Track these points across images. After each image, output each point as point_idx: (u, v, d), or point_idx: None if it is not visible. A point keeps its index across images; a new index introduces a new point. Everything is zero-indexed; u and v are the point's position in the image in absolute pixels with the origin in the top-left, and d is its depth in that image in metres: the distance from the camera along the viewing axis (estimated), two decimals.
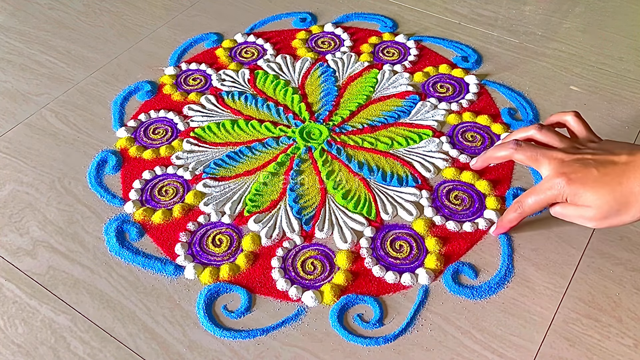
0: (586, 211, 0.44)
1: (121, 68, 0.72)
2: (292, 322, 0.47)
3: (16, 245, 0.53)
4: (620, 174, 0.43)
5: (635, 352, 0.45)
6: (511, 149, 0.48)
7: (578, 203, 0.45)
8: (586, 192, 0.44)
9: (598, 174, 0.44)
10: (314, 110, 0.66)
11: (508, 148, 0.48)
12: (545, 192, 0.46)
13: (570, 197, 0.45)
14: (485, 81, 0.68)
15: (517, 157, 0.48)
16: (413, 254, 0.51)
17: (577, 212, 0.45)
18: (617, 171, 0.43)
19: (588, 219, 0.45)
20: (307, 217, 0.54)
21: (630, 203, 0.43)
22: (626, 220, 0.44)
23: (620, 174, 0.43)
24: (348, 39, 0.75)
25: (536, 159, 0.47)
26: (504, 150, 0.49)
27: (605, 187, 0.43)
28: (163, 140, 0.62)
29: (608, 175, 0.44)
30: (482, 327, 0.47)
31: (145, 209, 0.55)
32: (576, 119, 0.50)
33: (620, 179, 0.43)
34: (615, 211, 0.43)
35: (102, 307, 0.48)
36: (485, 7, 0.81)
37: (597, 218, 0.44)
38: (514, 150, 0.48)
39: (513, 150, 0.48)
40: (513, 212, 0.49)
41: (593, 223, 0.45)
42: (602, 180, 0.43)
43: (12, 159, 0.61)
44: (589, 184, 0.44)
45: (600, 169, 0.44)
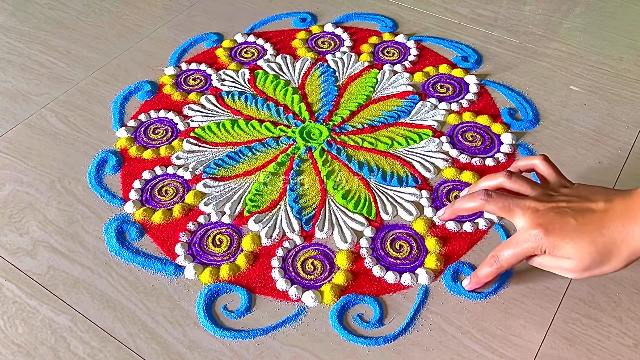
0: (566, 262, 0.42)
1: (121, 68, 0.72)
2: (292, 322, 0.47)
3: (16, 245, 0.53)
4: (599, 222, 0.41)
5: (635, 352, 0.45)
6: (481, 200, 0.45)
7: (557, 255, 0.42)
8: (566, 243, 0.41)
9: (576, 223, 0.42)
10: (314, 110, 0.66)
11: (478, 199, 0.45)
12: (522, 245, 0.43)
13: (549, 249, 0.42)
14: (485, 81, 0.68)
15: (489, 208, 0.45)
16: (413, 254, 0.51)
17: (556, 264, 0.43)
18: (595, 220, 0.41)
19: (568, 270, 0.42)
20: (307, 217, 0.54)
21: (612, 253, 0.41)
22: (607, 271, 0.42)
23: (600, 223, 0.41)
24: (348, 39, 0.75)
25: (509, 210, 0.44)
26: (474, 202, 0.46)
27: (585, 238, 0.41)
28: (163, 140, 0.62)
29: (587, 225, 0.41)
30: (482, 327, 0.47)
31: (145, 209, 0.55)
32: (545, 163, 0.47)
33: (600, 228, 0.41)
34: (597, 262, 0.41)
35: (102, 307, 0.48)
36: (485, 7, 0.81)
37: (577, 269, 0.42)
38: (484, 201, 0.45)
39: (484, 202, 0.45)
40: (488, 267, 0.46)
41: (572, 274, 0.43)
42: (582, 231, 0.41)
43: (12, 159, 0.61)
44: (568, 234, 0.41)
45: (578, 218, 0.42)
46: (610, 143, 0.61)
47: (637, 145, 0.61)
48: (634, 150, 0.60)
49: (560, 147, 0.60)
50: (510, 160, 0.59)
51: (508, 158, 0.59)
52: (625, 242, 0.40)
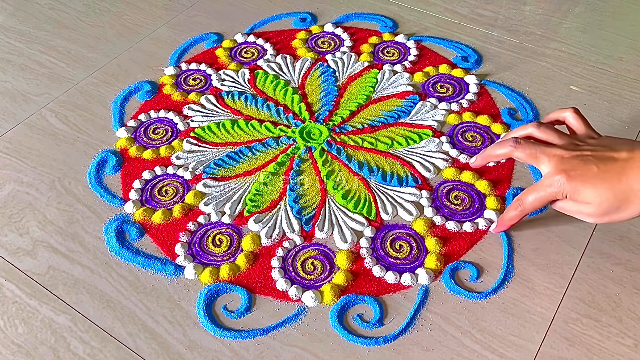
0: (586, 207, 0.45)
1: (121, 68, 0.72)
2: (292, 322, 0.47)
3: (16, 245, 0.53)
4: (620, 170, 0.43)
5: (635, 352, 0.45)
6: (510, 147, 0.48)
7: (578, 199, 0.45)
8: (586, 188, 0.44)
9: (598, 170, 0.44)
10: (314, 110, 0.66)
11: (507, 145, 0.48)
12: (545, 189, 0.46)
13: (570, 194, 0.45)
14: (485, 81, 0.68)
15: (517, 154, 0.48)
16: (413, 254, 0.51)
17: (577, 208, 0.45)
18: (616, 168, 0.43)
19: (588, 214, 0.45)
20: (307, 217, 0.54)
21: (630, 200, 0.43)
22: (625, 217, 0.44)
23: (620, 171, 0.43)
24: (348, 39, 0.75)
25: (535, 156, 0.47)
26: (503, 148, 0.49)
27: (605, 184, 0.43)
28: (163, 140, 0.62)
29: (608, 172, 0.43)
30: (482, 327, 0.47)
31: (145, 209, 0.55)
32: (575, 115, 0.49)
33: (620, 175, 0.43)
34: (614, 208, 0.43)
35: (102, 307, 0.48)
36: (485, 7, 0.81)
37: (596, 214, 0.44)
38: (513, 147, 0.48)
39: (512, 148, 0.48)
40: (514, 210, 0.49)
41: (592, 219, 0.45)
42: (602, 177, 0.43)
43: (12, 159, 0.61)
44: (589, 180, 0.44)
45: (600, 165, 0.44)
46: None
47: None
48: None
49: None
50: (511, 160, 0.59)
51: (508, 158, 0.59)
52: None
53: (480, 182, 0.57)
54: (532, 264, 0.51)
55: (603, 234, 0.53)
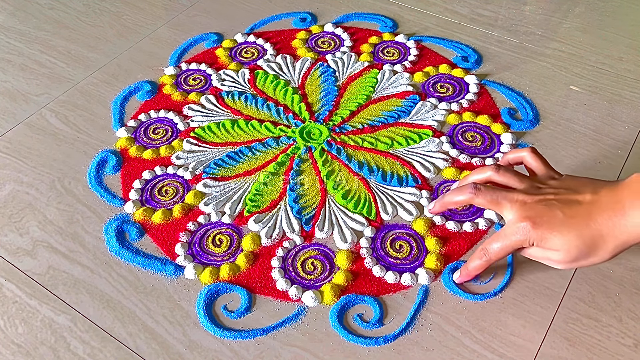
0: (553, 254, 0.43)
1: (121, 68, 0.72)
2: (292, 322, 0.47)
3: (16, 245, 0.53)
4: (587, 215, 0.42)
5: (635, 352, 0.45)
6: (470, 194, 0.46)
7: (545, 247, 0.43)
8: (553, 236, 0.42)
9: (563, 216, 0.42)
10: (314, 110, 0.66)
11: (466, 192, 0.46)
12: (510, 238, 0.44)
13: (537, 242, 0.43)
14: (485, 81, 0.68)
15: (477, 201, 0.46)
16: (413, 254, 0.51)
17: (544, 254, 0.44)
18: (582, 212, 0.42)
19: (556, 261, 0.43)
20: (307, 217, 0.54)
21: (598, 245, 0.41)
22: (594, 262, 0.42)
23: (587, 216, 0.42)
24: (348, 39, 0.75)
25: (497, 203, 0.45)
26: (462, 195, 0.46)
27: (573, 231, 0.42)
28: (163, 140, 0.62)
29: (574, 218, 0.42)
30: (482, 327, 0.47)
31: (145, 209, 0.55)
32: (533, 155, 0.48)
33: (587, 221, 0.41)
34: (584, 254, 0.42)
35: (102, 307, 0.48)
36: (485, 7, 0.81)
37: (565, 261, 0.43)
38: (473, 194, 0.45)
39: (472, 195, 0.46)
40: (478, 260, 0.47)
41: (561, 265, 0.43)
42: (569, 223, 0.42)
43: (12, 159, 0.61)
44: (556, 227, 0.42)
45: (565, 210, 0.42)
46: (610, 143, 0.61)
47: (637, 145, 0.61)
48: (634, 150, 0.60)
49: (560, 147, 0.60)
50: None
51: None
52: (611, 234, 0.41)
53: None
54: (532, 264, 0.51)
55: None
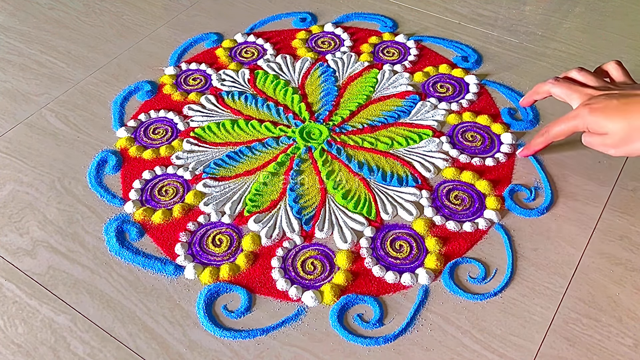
0: (606, 139, 0.48)
1: (121, 68, 0.72)
2: (292, 322, 0.47)
3: (16, 245, 0.53)
4: (638, 102, 0.46)
5: (635, 352, 0.45)
6: (550, 84, 0.54)
7: (598, 131, 0.48)
8: (604, 120, 0.47)
9: (618, 103, 0.47)
10: (314, 110, 0.66)
11: (547, 83, 0.54)
12: (569, 121, 0.51)
13: (591, 126, 0.49)
14: (485, 81, 0.68)
15: (554, 90, 0.53)
16: (413, 254, 0.51)
17: (599, 140, 0.49)
18: (636, 101, 0.47)
19: (608, 145, 0.48)
20: (307, 217, 0.54)
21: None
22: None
23: (638, 103, 0.46)
24: (348, 39, 0.75)
25: (569, 94, 0.52)
26: (545, 85, 0.55)
27: (621, 114, 0.47)
28: (163, 140, 0.62)
29: (627, 105, 0.47)
30: (482, 327, 0.47)
31: (145, 209, 0.55)
32: (617, 66, 0.54)
33: (637, 106, 0.46)
34: (630, 138, 0.47)
35: (102, 307, 0.48)
36: (485, 7, 0.81)
37: (614, 144, 0.48)
38: (552, 84, 0.54)
39: (551, 85, 0.54)
40: (540, 137, 0.55)
41: (613, 150, 0.48)
42: (620, 109, 0.47)
43: (12, 159, 0.61)
44: (608, 112, 0.47)
45: (621, 99, 0.47)
46: None
47: None
48: None
49: (560, 147, 0.60)
50: (511, 160, 0.59)
51: (508, 158, 0.59)
52: None
53: (480, 182, 0.57)
54: (532, 264, 0.51)
55: (603, 234, 0.53)
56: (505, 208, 0.55)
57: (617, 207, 0.55)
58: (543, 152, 0.60)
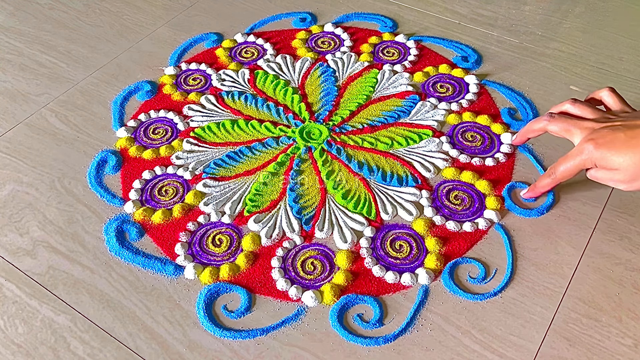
0: (615, 174, 0.46)
1: (121, 68, 0.72)
2: (292, 322, 0.47)
3: (16, 245, 0.53)
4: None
5: (635, 352, 0.45)
6: (545, 121, 0.51)
7: (607, 167, 0.46)
8: (613, 155, 0.45)
9: (625, 137, 0.45)
10: (314, 110, 0.66)
11: (542, 120, 0.52)
12: (574, 158, 0.48)
13: (599, 161, 0.47)
14: (485, 81, 0.68)
15: (551, 128, 0.51)
16: (413, 254, 0.51)
17: (608, 175, 0.47)
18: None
19: (619, 181, 0.46)
20: (307, 217, 0.54)
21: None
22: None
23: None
24: (348, 39, 0.75)
25: (568, 130, 0.49)
26: (539, 123, 0.52)
27: (630, 148, 0.45)
28: (163, 140, 0.62)
29: (634, 139, 0.45)
30: (482, 327, 0.47)
31: (145, 209, 0.55)
32: (610, 93, 0.52)
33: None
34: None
35: (102, 307, 0.48)
36: (485, 7, 0.81)
37: (626, 180, 0.46)
38: (548, 122, 0.51)
39: (547, 122, 0.51)
40: (547, 178, 0.52)
41: (624, 185, 0.46)
42: (629, 143, 0.45)
43: (12, 159, 0.61)
44: (616, 147, 0.45)
45: (627, 132, 0.45)
46: None
47: None
48: None
49: (560, 147, 0.60)
50: (511, 160, 0.59)
51: (508, 158, 0.59)
52: None
53: (480, 182, 0.57)
54: (532, 264, 0.51)
55: (603, 234, 0.53)
56: (505, 208, 0.55)
57: (617, 207, 0.55)
58: (543, 152, 0.60)
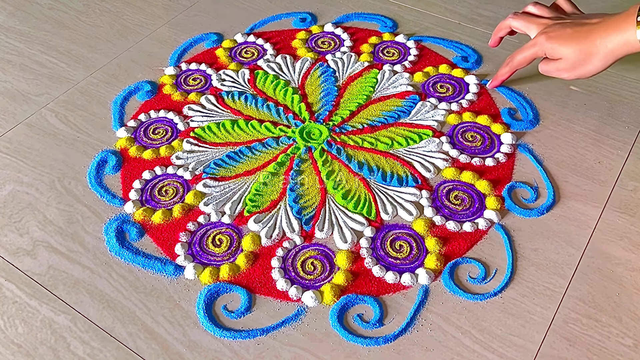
0: (560, 63, 0.55)
1: (121, 68, 0.72)
2: (292, 322, 0.47)
3: (16, 245, 0.53)
4: (588, 31, 0.53)
5: (635, 352, 0.45)
6: (510, 18, 0.61)
7: (555, 56, 0.55)
8: (560, 46, 0.54)
9: (571, 31, 0.54)
10: (314, 110, 0.66)
11: (508, 18, 0.61)
12: (530, 49, 0.58)
13: (548, 51, 0.56)
14: (485, 81, 0.68)
15: (514, 23, 0.61)
16: (413, 254, 0.51)
17: (554, 66, 0.56)
18: (585, 29, 0.53)
19: (562, 70, 0.55)
20: (307, 217, 0.54)
21: (592, 54, 0.52)
22: (591, 71, 0.53)
23: (588, 32, 0.53)
24: (348, 39, 0.75)
25: (527, 25, 0.59)
26: (505, 21, 0.62)
27: (574, 41, 0.53)
28: (163, 140, 0.62)
29: (578, 32, 0.53)
30: (482, 327, 0.47)
31: (145, 209, 0.55)
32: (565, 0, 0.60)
33: (588, 34, 0.53)
34: (581, 61, 0.53)
35: (102, 307, 0.48)
36: (485, 7, 0.81)
37: (567, 68, 0.55)
38: (512, 19, 0.61)
39: (511, 19, 0.61)
40: (505, 67, 0.62)
41: (566, 74, 0.55)
42: (573, 36, 0.54)
43: (12, 159, 0.61)
44: (563, 39, 0.54)
45: (574, 27, 0.54)
46: (610, 143, 0.61)
47: (637, 145, 0.61)
48: (634, 150, 0.60)
49: (560, 147, 0.60)
50: (511, 160, 0.59)
51: (508, 158, 0.59)
52: (603, 44, 0.52)
53: (480, 182, 0.57)
54: (532, 263, 0.51)
55: (603, 234, 0.53)
56: (505, 208, 0.55)
57: (617, 207, 0.55)
58: (543, 152, 0.60)
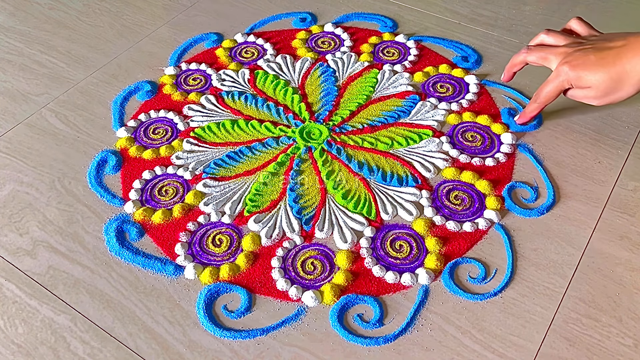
0: (588, 91, 0.53)
1: (121, 68, 0.72)
2: (292, 322, 0.47)
3: (16, 245, 0.53)
4: (615, 56, 0.51)
5: (635, 352, 0.45)
6: (524, 53, 0.58)
7: (582, 85, 0.53)
8: (587, 74, 0.52)
9: (596, 58, 0.52)
10: (314, 110, 0.66)
11: (521, 53, 0.58)
12: (554, 81, 0.55)
13: (574, 81, 0.53)
14: (485, 81, 0.68)
15: (529, 58, 0.57)
16: (413, 254, 0.51)
17: (582, 93, 0.54)
18: (612, 54, 0.51)
19: (591, 97, 0.53)
20: (307, 217, 0.54)
21: (623, 80, 0.51)
22: (622, 96, 0.52)
23: (615, 56, 0.51)
24: (348, 39, 0.75)
25: (545, 57, 0.56)
26: (519, 56, 0.59)
27: (602, 68, 0.51)
28: (163, 140, 0.62)
29: (604, 59, 0.51)
30: (482, 327, 0.47)
31: (145, 209, 0.55)
32: (578, 21, 0.58)
33: (615, 60, 0.51)
34: (611, 89, 0.52)
35: (102, 307, 0.48)
36: (485, 7, 0.81)
37: (597, 96, 0.53)
38: (526, 53, 0.58)
39: (525, 54, 0.58)
40: (533, 104, 0.58)
41: (596, 101, 0.53)
42: (599, 63, 0.51)
43: (12, 159, 0.61)
44: (588, 66, 0.52)
45: (597, 54, 0.52)
46: (610, 143, 0.61)
47: (637, 145, 0.61)
48: (634, 150, 0.60)
49: (560, 147, 0.60)
50: (511, 160, 0.59)
51: (508, 158, 0.59)
52: (634, 70, 0.50)
53: (480, 182, 0.57)
54: (532, 263, 0.51)
55: (603, 234, 0.53)
56: (505, 208, 0.55)
57: (617, 207, 0.55)
58: (543, 152, 0.60)
